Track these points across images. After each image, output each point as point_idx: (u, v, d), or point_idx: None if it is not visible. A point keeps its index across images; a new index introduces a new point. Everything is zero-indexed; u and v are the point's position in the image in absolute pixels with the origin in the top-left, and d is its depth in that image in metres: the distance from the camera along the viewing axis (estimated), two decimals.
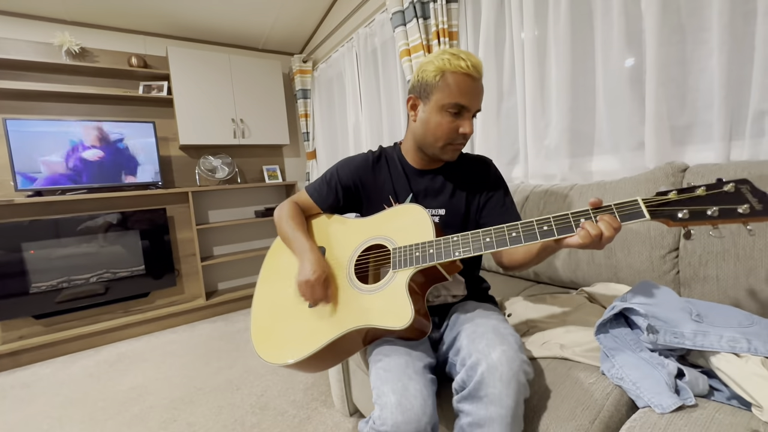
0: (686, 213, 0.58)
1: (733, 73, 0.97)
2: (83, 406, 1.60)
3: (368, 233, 0.90)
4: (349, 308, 0.81)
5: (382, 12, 2.11)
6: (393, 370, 0.72)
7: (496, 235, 0.71)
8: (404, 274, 0.77)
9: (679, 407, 0.62)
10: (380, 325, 0.74)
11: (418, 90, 0.86)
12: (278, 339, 0.87)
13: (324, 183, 1.00)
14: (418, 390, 0.68)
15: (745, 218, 0.55)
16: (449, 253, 0.74)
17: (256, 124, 2.84)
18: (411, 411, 0.65)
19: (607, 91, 1.23)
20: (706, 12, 1.01)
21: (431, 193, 0.94)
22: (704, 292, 0.92)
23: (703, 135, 1.08)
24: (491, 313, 0.82)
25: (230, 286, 2.99)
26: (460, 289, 0.94)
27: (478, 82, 0.82)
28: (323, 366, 0.90)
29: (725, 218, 0.56)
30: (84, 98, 2.39)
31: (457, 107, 0.81)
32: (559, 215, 0.67)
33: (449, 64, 0.79)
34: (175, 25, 2.60)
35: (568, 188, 1.24)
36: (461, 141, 0.85)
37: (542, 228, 0.67)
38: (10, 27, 2.21)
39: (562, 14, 1.30)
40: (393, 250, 0.82)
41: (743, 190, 0.55)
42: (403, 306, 0.74)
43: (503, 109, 1.63)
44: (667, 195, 0.60)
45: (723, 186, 0.57)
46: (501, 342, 0.67)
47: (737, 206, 0.55)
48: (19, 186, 2.09)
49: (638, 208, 0.62)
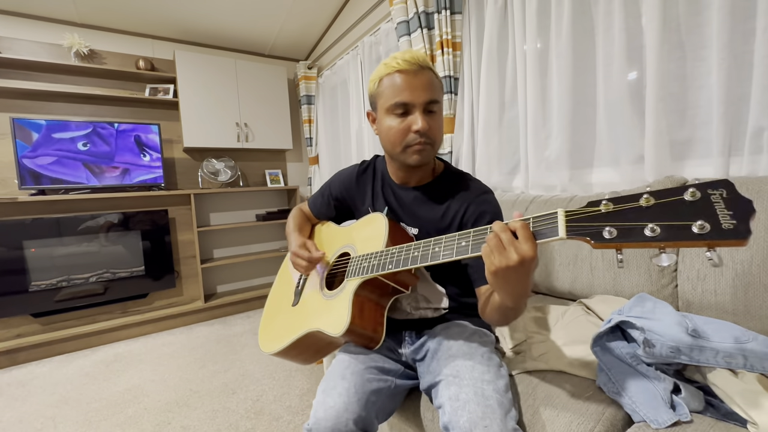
0: (612, 231, 0.44)
1: (732, 90, 0.98)
2: (78, 406, 1.59)
3: (342, 240, 0.94)
4: (312, 311, 0.86)
5: (387, 21, 2.14)
6: (332, 372, 0.77)
7: (423, 249, 0.67)
8: (353, 282, 0.78)
9: (675, 423, 0.62)
10: (323, 329, 0.78)
11: (371, 104, 0.87)
12: (268, 330, 0.98)
13: (320, 195, 1.07)
14: (345, 388, 0.72)
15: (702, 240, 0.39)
16: (384, 265, 0.72)
17: (259, 129, 2.86)
18: (332, 408, 0.69)
19: (607, 104, 1.24)
20: (706, 30, 1.03)
21: (407, 209, 0.90)
22: (702, 306, 0.92)
23: (702, 150, 1.09)
24: (474, 351, 0.75)
25: (229, 289, 2.99)
26: (442, 302, 0.88)
27: (416, 75, 0.76)
28: (302, 360, 0.95)
29: (671, 240, 0.40)
30: (91, 99, 2.42)
31: (400, 106, 0.76)
32: (479, 229, 0.59)
33: (383, 69, 0.79)
34: (183, 30, 2.64)
35: (568, 199, 1.25)
36: (420, 140, 0.77)
37: (460, 243, 0.60)
38: (22, 28, 2.25)
39: (564, 28, 1.31)
40: (351, 259, 0.84)
41: (714, 197, 0.40)
42: (342, 314, 0.75)
43: (505, 120, 1.65)
44: (598, 205, 0.47)
45: (682, 193, 0.41)
46: (483, 415, 0.61)
47: (691, 222, 0.39)
48: (23, 184, 2.11)
49: (554, 223, 0.49)
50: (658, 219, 0.42)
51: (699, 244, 0.40)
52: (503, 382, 0.70)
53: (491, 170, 1.67)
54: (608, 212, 0.46)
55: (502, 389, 0.68)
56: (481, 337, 0.81)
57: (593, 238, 0.46)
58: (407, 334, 0.89)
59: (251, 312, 2.79)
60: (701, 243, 0.39)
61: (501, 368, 0.74)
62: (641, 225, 0.42)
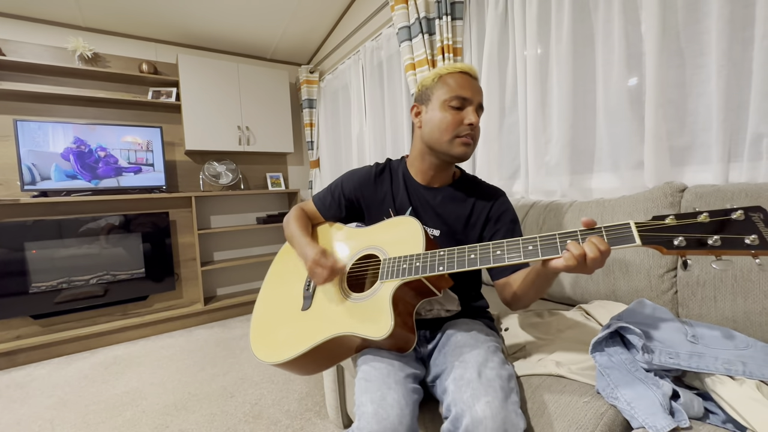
0: (682, 240, 0.53)
1: (731, 96, 0.98)
2: (76, 409, 1.59)
3: (364, 243, 0.91)
4: (336, 315, 0.83)
5: (388, 27, 2.16)
6: (374, 380, 0.74)
7: (480, 252, 0.69)
8: (390, 285, 0.77)
9: (674, 429, 0.62)
10: (360, 333, 0.75)
11: (420, 97, 0.92)
12: (272, 339, 0.91)
13: (329, 194, 1.03)
14: (395, 399, 0.69)
15: (754, 250, 0.48)
16: (434, 267, 0.73)
17: (261, 132, 2.88)
18: (387, 420, 0.66)
19: (607, 110, 1.25)
20: (705, 37, 1.03)
21: (430, 210, 0.93)
22: (702, 312, 0.92)
23: (701, 156, 1.09)
24: (481, 343, 0.78)
25: (229, 292, 2.99)
26: (454, 304, 0.93)
27: (475, 81, 0.87)
28: (313, 369, 0.91)
29: (729, 248, 0.50)
30: (94, 102, 2.44)
31: (459, 100, 0.84)
32: (545, 235, 0.64)
33: (445, 69, 0.87)
34: (187, 34, 2.66)
35: (568, 205, 1.25)
36: (468, 132, 0.85)
37: (527, 248, 0.65)
38: (27, 31, 2.27)
39: (565, 34, 1.33)
40: (382, 261, 0.83)
41: (754, 218, 0.50)
42: (384, 317, 0.74)
43: (505, 125, 1.65)
44: (664, 220, 0.56)
45: (730, 213, 0.51)
46: (486, 392, 0.64)
47: (744, 236, 0.49)
48: (25, 186, 2.12)
49: (629, 232, 0.57)
50: (717, 232, 0.52)
51: (749, 253, 0.50)
52: (507, 372, 0.71)
53: (492, 175, 1.68)
54: (673, 225, 0.55)
55: (505, 377, 0.69)
56: (488, 334, 0.84)
57: (666, 246, 0.54)
58: (423, 333, 0.90)
59: (251, 315, 2.78)
60: (750, 252, 0.49)
61: (506, 363, 0.75)
62: (706, 236, 0.52)
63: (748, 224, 0.50)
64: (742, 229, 0.50)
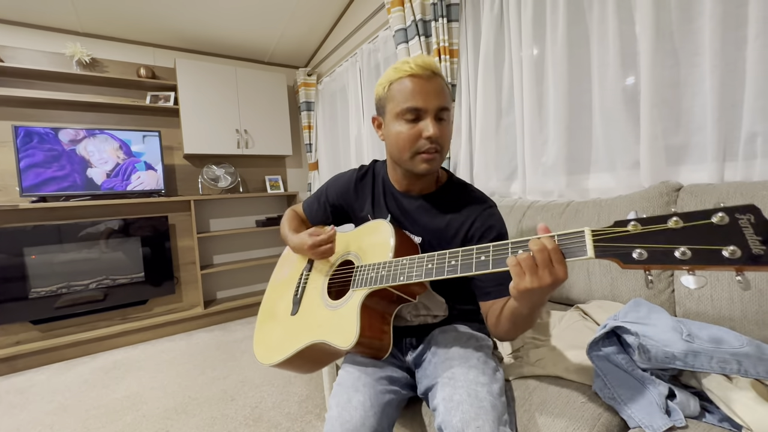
0: (642, 253, 0.44)
1: (725, 96, 0.99)
2: (76, 414, 1.59)
3: (344, 248, 0.91)
4: (314, 322, 0.84)
5: (385, 29, 2.17)
6: (343, 384, 0.75)
7: (437, 263, 0.65)
8: (360, 293, 0.76)
9: (670, 428, 0.62)
10: (330, 342, 0.76)
11: (377, 108, 0.84)
12: (267, 341, 0.94)
13: (316, 200, 1.04)
14: (360, 402, 0.70)
15: (735, 264, 0.39)
16: (396, 277, 0.71)
17: (259, 135, 2.88)
18: (349, 423, 0.67)
19: (603, 110, 1.26)
20: (699, 37, 1.04)
21: (409, 217, 0.88)
22: (699, 311, 0.92)
23: (697, 156, 1.10)
24: (471, 355, 0.75)
25: (229, 295, 2.99)
26: (441, 309, 0.89)
27: (429, 81, 0.74)
28: (306, 369, 0.94)
29: (701, 263, 0.41)
30: (92, 107, 2.44)
31: (412, 111, 0.74)
32: (499, 243, 0.58)
33: (393, 73, 0.76)
34: (184, 38, 2.67)
35: (565, 205, 1.25)
36: (429, 146, 0.75)
37: (479, 258, 0.59)
38: (25, 37, 2.28)
39: (560, 36, 1.33)
40: (356, 268, 0.82)
41: (742, 222, 0.39)
42: (350, 326, 0.73)
43: (502, 126, 1.66)
44: (626, 226, 0.46)
45: (710, 216, 0.40)
46: (476, 415, 0.61)
47: (722, 247, 0.39)
48: (24, 191, 2.12)
49: (581, 242, 0.49)
50: (688, 242, 0.41)
51: (729, 268, 0.40)
52: (498, 386, 0.70)
53: (489, 176, 1.68)
54: (636, 233, 0.45)
55: (496, 392, 0.68)
56: (478, 341, 0.82)
57: (622, 260, 0.45)
58: (408, 341, 0.89)
59: (251, 318, 2.79)
60: (731, 267, 0.39)
61: (496, 373, 0.74)
62: (671, 248, 0.42)
63: (732, 230, 0.39)
64: (723, 236, 0.40)
